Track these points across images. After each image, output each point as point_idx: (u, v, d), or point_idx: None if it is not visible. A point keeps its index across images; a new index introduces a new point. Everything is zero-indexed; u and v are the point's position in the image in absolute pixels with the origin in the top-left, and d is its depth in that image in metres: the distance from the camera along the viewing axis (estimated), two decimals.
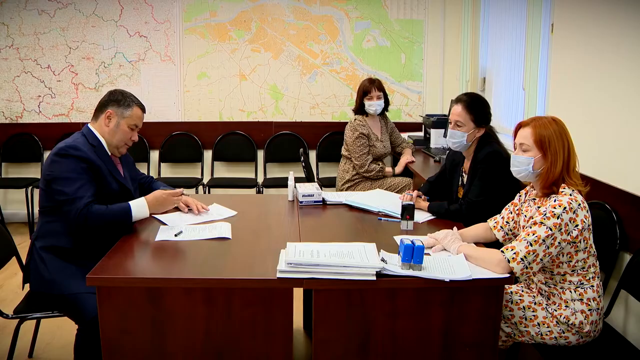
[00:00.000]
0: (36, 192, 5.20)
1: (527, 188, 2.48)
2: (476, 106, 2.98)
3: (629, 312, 2.66)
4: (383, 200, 3.05)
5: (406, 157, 4.52)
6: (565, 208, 2.15)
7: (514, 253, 2.14)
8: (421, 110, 5.60)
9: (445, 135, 4.65)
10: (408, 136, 5.05)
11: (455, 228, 2.51)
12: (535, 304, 2.32)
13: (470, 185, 2.94)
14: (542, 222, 2.15)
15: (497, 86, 4.66)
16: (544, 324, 2.28)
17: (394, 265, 2.09)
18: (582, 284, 2.26)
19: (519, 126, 2.34)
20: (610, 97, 2.81)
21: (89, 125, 2.69)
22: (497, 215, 2.57)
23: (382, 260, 2.10)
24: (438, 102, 5.56)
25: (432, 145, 4.88)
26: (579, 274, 2.26)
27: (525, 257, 2.13)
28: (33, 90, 5.48)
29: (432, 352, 2.12)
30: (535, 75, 3.67)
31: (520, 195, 2.50)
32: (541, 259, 2.15)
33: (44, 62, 5.44)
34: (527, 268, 2.14)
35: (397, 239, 2.42)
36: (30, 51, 5.41)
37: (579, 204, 2.19)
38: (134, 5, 5.37)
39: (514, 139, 2.36)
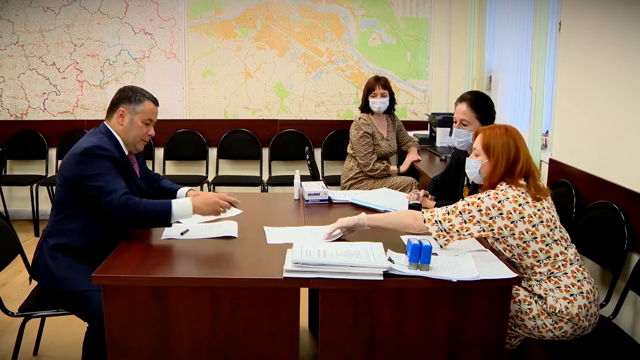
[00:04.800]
0: (41, 189, 5.23)
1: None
2: (481, 104, 2.97)
3: (638, 313, 2.64)
4: (389, 200, 3.04)
5: (412, 156, 4.51)
6: (508, 198, 2.25)
7: (431, 215, 2.30)
8: (427, 109, 5.58)
9: (451, 134, 4.64)
10: (413, 134, 5.04)
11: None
12: (530, 297, 2.33)
13: (476, 185, 2.93)
14: (465, 200, 2.29)
15: (504, 85, 4.64)
16: (539, 317, 2.29)
17: (401, 265, 2.08)
18: (553, 272, 2.30)
19: (476, 133, 2.48)
20: (618, 96, 2.79)
21: (105, 123, 2.65)
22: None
23: (389, 260, 2.09)
24: (444, 101, 5.54)
25: (438, 143, 4.86)
26: (545, 264, 2.30)
27: (440, 221, 2.27)
28: (38, 88, 5.48)
29: (439, 353, 2.10)
30: (542, 73, 3.64)
31: None
32: (457, 231, 2.25)
33: (49, 60, 5.44)
34: (442, 232, 2.27)
35: (404, 238, 2.40)
36: (35, 48, 5.41)
37: (527, 202, 2.27)
38: (139, 2, 5.37)
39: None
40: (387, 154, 4.46)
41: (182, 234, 2.47)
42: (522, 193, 2.28)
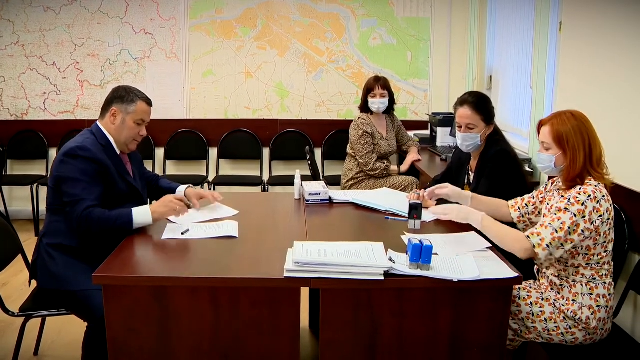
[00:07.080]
0: (41, 189, 5.22)
1: (554, 179, 2.46)
2: (483, 105, 2.97)
3: (638, 313, 2.64)
4: (390, 199, 3.04)
5: (412, 156, 4.51)
6: (589, 196, 2.16)
7: (540, 239, 2.16)
8: (427, 109, 5.58)
9: (451, 134, 4.64)
10: (414, 134, 5.03)
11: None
12: (542, 299, 2.32)
13: (478, 184, 2.93)
14: (566, 209, 2.16)
15: (504, 84, 4.64)
16: (551, 320, 2.28)
17: (402, 264, 2.07)
18: (594, 279, 2.25)
19: (540, 124, 2.34)
20: (618, 96, 2.79)
21: (98, 122, 2.67)
22: (519, 198, 2.57)
23: (390, 259, 2.08)
24: (444, 101, 5.54)
25: (438, 143, 4.86)
26: (593, 269, 2.25)
27: (550, 244, 2.15)
28: (38, 87, 5.48)
29: (440, 353, 2.10)
30: (543, 73, 3.64)
31: (546, 184, 2.49)
32: (562, 245, 2.16)
33: (50, 59, 5.44)
34: (550, 255, 2.16)
35: (405, 238, 2.40)
36: (35, 48, 5.41)
37: (603, 196, 2.19)
38: (140, 2, 5.37)
39: (538, 137, 2.36)
40: (387, 153, 4.46)
41: (182, 233, 2.47)
42: (604, 189, 2.21)
